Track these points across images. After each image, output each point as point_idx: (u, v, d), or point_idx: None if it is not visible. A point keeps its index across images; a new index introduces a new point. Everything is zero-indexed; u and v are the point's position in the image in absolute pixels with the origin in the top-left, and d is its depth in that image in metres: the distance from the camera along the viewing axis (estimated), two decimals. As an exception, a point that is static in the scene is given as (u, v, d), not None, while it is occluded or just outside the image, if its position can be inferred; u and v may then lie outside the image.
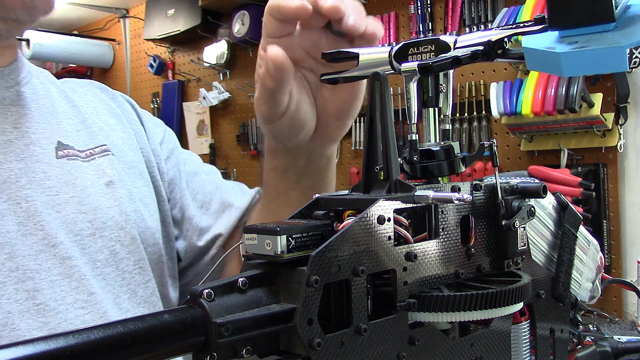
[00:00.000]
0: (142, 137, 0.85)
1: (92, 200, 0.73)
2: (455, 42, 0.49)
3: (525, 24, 0.46)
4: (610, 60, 0.40)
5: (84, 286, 0.68)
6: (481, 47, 0.47)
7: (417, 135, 0.48)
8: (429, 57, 0.50)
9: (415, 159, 0.48)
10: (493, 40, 0.47)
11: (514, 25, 0.47)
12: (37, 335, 0.30)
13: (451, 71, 0.49)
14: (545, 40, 0.43)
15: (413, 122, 0.47)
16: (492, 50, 0.47)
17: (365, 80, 0.68)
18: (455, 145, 0.49)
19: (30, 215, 0.67)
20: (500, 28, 0.48)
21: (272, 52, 0.63)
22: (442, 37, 0.50)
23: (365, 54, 0.56)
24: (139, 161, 0.83)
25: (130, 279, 0.74)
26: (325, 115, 0.72)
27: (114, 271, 0.72)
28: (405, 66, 0.48)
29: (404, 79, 0.48)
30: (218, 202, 0.89)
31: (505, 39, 0.47)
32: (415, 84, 0.48)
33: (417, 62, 0.47)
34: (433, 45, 0.50)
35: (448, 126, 0.50)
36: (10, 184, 0.68)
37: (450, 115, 0.50)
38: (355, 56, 0.56)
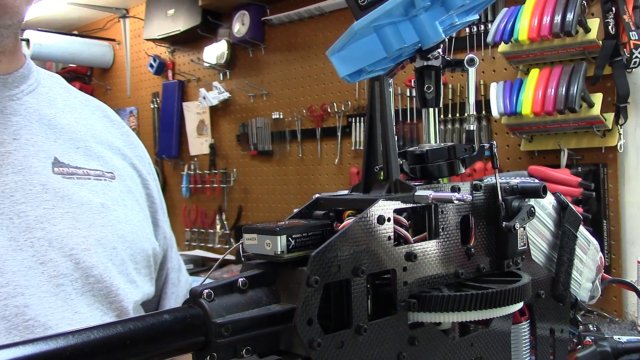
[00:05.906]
0: (142, 170, 0.87)
1: (87, 218, 0.73)
2: None
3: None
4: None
5: (68, 305, 0.69)
6: None
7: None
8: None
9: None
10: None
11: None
12: None
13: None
14: None
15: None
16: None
17: None
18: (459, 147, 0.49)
19: (22, 231, 0.68)
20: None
21: None
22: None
23: None
24: (137, 190, 0.84)
25: (123, 296, 0.75)
26: None
27: (106, 287, 0.73)
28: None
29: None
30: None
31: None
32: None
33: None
34: None
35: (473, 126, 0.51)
36: (4, 198, 0.68)
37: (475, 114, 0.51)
38: None
